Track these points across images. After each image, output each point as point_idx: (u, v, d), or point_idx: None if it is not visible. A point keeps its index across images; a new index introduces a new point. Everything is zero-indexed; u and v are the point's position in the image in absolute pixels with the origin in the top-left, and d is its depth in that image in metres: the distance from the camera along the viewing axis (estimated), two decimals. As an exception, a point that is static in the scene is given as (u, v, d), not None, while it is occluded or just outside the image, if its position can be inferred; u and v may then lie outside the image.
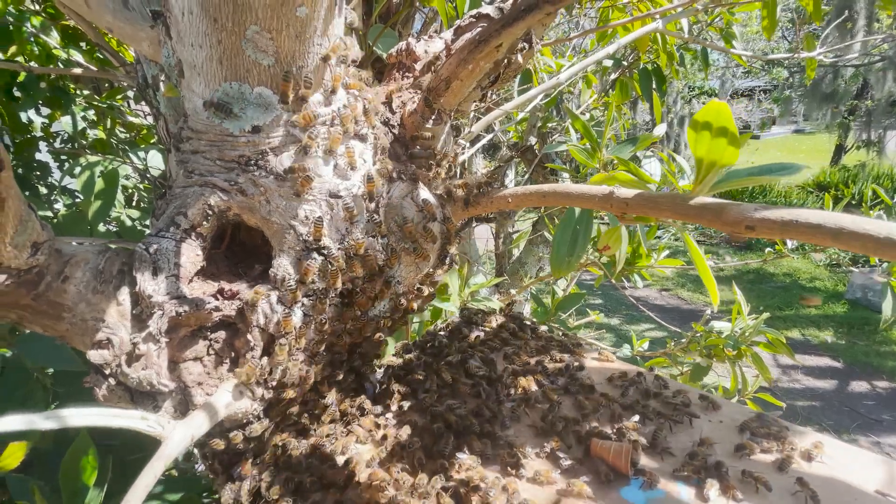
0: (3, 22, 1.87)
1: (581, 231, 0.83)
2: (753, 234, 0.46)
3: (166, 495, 1.38)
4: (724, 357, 2.07)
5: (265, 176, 0.64)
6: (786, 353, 2.04)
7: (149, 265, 0.63)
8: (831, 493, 0.66)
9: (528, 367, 0.95)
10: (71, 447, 1.17)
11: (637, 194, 0.56)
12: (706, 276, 0.58)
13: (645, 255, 2.21)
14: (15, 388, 1.36)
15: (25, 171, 2.43)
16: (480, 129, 1.60)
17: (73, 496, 1.14)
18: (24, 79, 2.12)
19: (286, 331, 0.64)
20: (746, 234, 0.47)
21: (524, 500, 0.64)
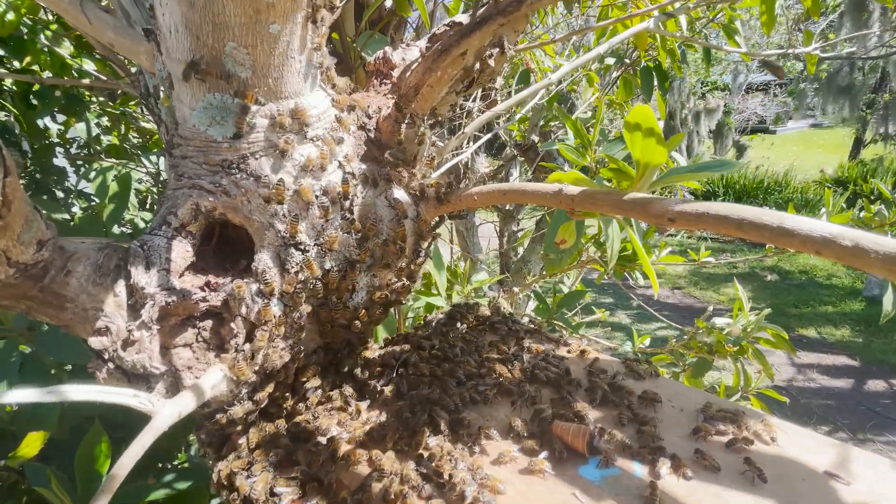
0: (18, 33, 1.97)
1: (574, 227, 0.87)
2: (675, 225, 0.51)
3: (176, 484, 1.45)
4: (726, 354, 2.08)
5: (246, 178, 0.70)
6: (788, 349, 2.05)
7: (142, 260, 0.70)
8: (779, 472, 0.70)
9: (504, 355, 1.00)
10: (85, 437, 1.25)
11: (581, 191, 0.61)
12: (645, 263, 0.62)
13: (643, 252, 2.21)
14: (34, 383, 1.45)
15: (43, 175, 2.55)
16: (475, 129, 1.65)
17: (88, 483, 1.22)
18: (39, 88, 2.23)
19: (266, 319, 0.70)
20: (669, 225, 0.51)
21: (486, 475, 0.69)
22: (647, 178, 0.58)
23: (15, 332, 1.41)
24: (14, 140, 2.39)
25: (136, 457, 0.56)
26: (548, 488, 0.69)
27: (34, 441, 1.42)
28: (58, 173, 2.55)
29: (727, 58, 9.29)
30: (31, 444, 1.42)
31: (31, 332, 1.43)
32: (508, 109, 3.17)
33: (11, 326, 1.42)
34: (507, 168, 3.70)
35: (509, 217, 3.84)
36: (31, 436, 1.40)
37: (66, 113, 2.49)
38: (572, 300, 2.56)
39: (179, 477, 1.51)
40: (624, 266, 2.29)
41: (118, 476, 0.53)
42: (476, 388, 0.89)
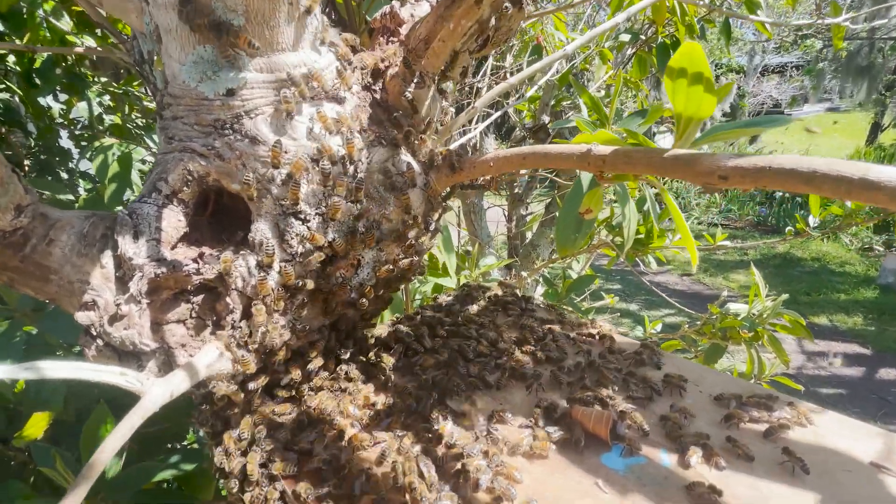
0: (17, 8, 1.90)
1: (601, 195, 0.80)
2: (727, 184, 0.44)
3: (183, 465, 1.43)
4: (740, 339, 2.01)
5: (240, 139, 0.64)
6: (805, 335, 1.97)
7: (129, 229, 0.64)
8: (820, 462, 0.64)
9: (518, 337, 0.95)
10: (90, 418, 1.22)
11: (613, 150, 0.54)
12: (684, 233, 0.56)
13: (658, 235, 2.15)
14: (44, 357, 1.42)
15: (48, 156, 2.51)
16: (484, 104, 1.57)
17: None
18: (40, 65, 2.17)
19: (263, 294, 0.65)
20: (720, 184, 0.44)
21: (501, 462, 0.64)
22: (690, 133, 0.51)
23: (19, 312, 1.38)
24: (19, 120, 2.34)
25: (122, 439, 0.51)
26: (568, 477, 0.64)
27: (39, 421, 1.40)
28: (61, 154, 2.50)
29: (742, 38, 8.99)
30: (37, 425, 1.40)
31: (35, 313, 1.40)
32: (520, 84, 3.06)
33: (16, 307, 1.39)
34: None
35: (518, 200, 3.75)
36: (36, 416, 1.38)
37: (68, 92, 2.44)
38: (581, 285, 2.49)
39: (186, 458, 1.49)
40: (636, 250, 2.21)
41: (101, 460, 0.49)
42: (489, 371, 0.84)
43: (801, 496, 0.60)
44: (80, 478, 0.47)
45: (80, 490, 0.46)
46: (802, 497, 0.60)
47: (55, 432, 1.45)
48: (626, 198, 1.07)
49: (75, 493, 0.46)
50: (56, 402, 1.31)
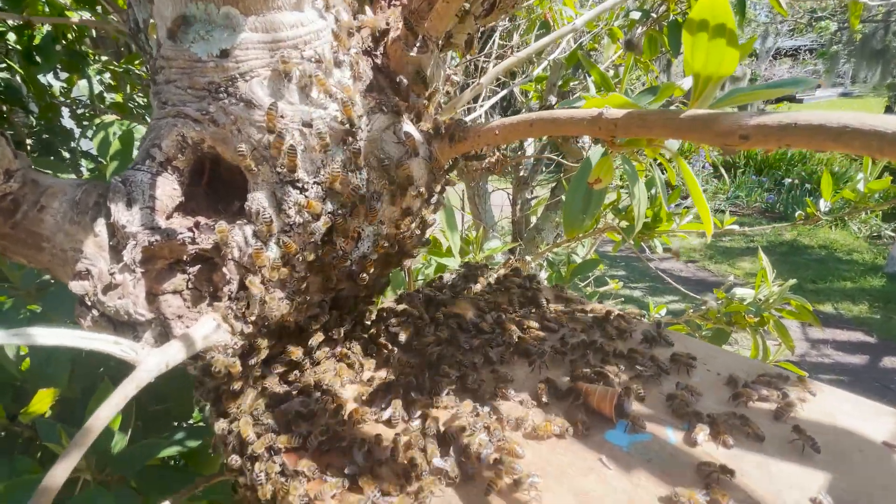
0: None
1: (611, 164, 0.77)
2: (748, 144, 0.41)
3: (188, 442, 1.44)
4: (745, 325, 1.99)
5: (235, 103, 0.62)
6: (811, 321, 1.95)
7: (122, 196, 0.62)
8: (831, 442, 0.62)
9: (522, 314, 0.93)
10: (95, 393, 1.23)
11: (626, 113, 0.51)
12: (699, 201, 0.53)
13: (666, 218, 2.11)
14: None
15: (50, 135, 2.49)
16: (490, 80, 1.53)
17: (100, 438, 1.20)
18: (40, 42, 2.14)
19: (259, 264, 0.63)
20: (741, 145, 0.42)
21: (504, 437, 0.63)
22: (709, 94, 0.48)
23: (23, 290, 1.37)
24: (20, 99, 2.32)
25: (115, 408, 0.50)
26: (572, 453, 0.63)
27: (45, 397, 1.41)
28: (63, 134, 2.49)
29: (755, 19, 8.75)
30: (42, 401, 1.41)
31: (39, 291, 1.40)
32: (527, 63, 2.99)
33: (19, 285, 1.39)
34: (522, 132, 3.54)
35: (523, 184, 3.70)
36: (41, 392, 1.38)
37: (68, 69, 2.41)
38: (586, 269, 2.46)
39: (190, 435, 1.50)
40: (643, 234, 2.18)
41: (94, 428, 0.48)
42: (491, 348, 0.82)
43: (811, 475, 0.59)
44: (72, 445, 0.46)
45: (72, 456, 0.45)
46: (813, 476, 0.59)
47: (61, 409, 1.46)
48: (636, 177, 1.04)
49: (68, 459, 0.45)
50: (61, 379, 1.32)
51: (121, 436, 1.27)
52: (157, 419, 1.57)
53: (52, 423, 1.30)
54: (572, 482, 0.59)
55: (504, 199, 3.97)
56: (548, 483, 0.59)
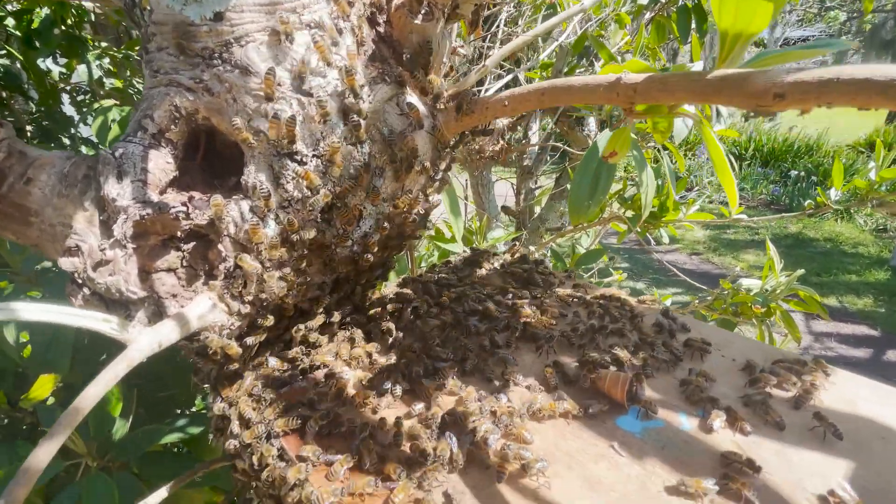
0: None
1: (603, 171, 0.74)
2: (783, 104, 0.38)
3: (189, 429, 1.43)
4: (752, 315, 1.96)
5: (230, 70, 0.58)
6: (819, 311, 1.92)
7: (113, 168, 0.59)
8: (852, 429, 0.60)
9: (529, 299, 0.90)
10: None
11: (647, 77, 0.48)
12: (725, 175, 0.50)
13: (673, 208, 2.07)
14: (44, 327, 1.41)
15: (50, 122, 2.46)
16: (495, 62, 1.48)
17: (101, 425, 1.19)
18: (38, 25, 2.10)
19: (256, 241, 0.60)
20: (776, 105, 0.38)
21: (511, 423, 0.61)
22: (737, 54, 0.44)
23: (23, 276, 1.35)
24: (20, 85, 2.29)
25: (106, 386, 0.48)
26: (582, 440, 0.60)
27: (46, 383, 1.40)
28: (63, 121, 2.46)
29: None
30: (43, 387, 1.40)
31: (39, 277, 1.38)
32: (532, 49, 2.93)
33: (20, 270, 1.37)
34: (527, 120, 3.49)
35: (527, 174, 3.66)
36: (42, 378, 1.37)
37: (67, 54, 2.37)
38: (590, 259, 2.43)
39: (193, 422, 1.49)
40: (649, 223, 2.14)
41: (81, 408, 0.45)
42: (497, 332, 0.79)
43: (832, 463, 0.56)
44: (57, 425, 0.43)
45: (58, 437, 0.42)
46: (834, 464, 0.56)
47: (63, 396, 1.45)
48: (644, 164, 1.00)
49: (53, 439, 0.42)
50: (62, 365, 1.31)
51: (122, 422, 1.26)
52: (160, 407, 1.56)
53: (52, 409, 1.29)
54: (583, 469, 0.56)
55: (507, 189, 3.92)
56: (557, 469, 0.56)
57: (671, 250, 7.28)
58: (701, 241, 7.68)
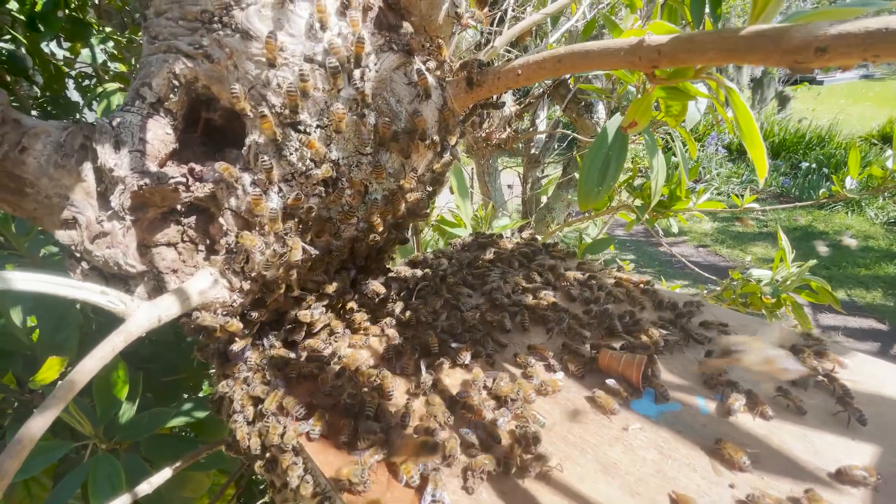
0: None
1: (613, 156, 0.71)
2: (825, 59, 0.35)
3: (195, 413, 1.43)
4: (761, 306, 1.93)
5: (231, 35, 0.56)
6: (831, 302, 1.88)
7: (110, 138, 0.57)
8: (881, 415, 0.57)
9: (539, 281, 0.88)
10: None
11: (673, 37, 0.45)
12: (754, 142, 0.47)
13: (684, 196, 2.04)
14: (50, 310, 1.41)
15: (54, 107, 2.44)
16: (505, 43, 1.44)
17: (107, 408, 1.19)
18: (41, 9, 2.08)
19: (258, 213, 0.58)
20: (816, 61, 0.35)
21: (522, 404, 0.59)
22: (772, 10, 0.41)
23: (28, 258, 1.35)
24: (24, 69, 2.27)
25: (102, 360, 0.46)
26: (596, 423, 0.58)
27: (54, 365, 1.40)
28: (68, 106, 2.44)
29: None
30: (52, 369, 1.40)
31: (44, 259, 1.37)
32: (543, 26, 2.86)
33: (25, 252, 1.36)
34: (535, 108, 3.43)
35: (534, 162, 3.61)
36: (50, 360, 1.37)
37: (71, 38, 2.35)
38: (598, 248, 2.40)
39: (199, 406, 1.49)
40: (658, 212, 2.11)
41: (77, 382, 0.44)
42: (508, 314, 0.77)
43: (857, 448, 0.54)
44: (51, 398, 0.42)
45: (51, 410, 0.41)
46: (859, 449, 0.54)
47: None
48: (655, 149, 0.97)
49: (47, 412, 0.41)
50: (70, 348, 1.31)
51: (128, 405, 1.25)
52: (168, 391, 1.56)
53: (58, 392, 1.28)
54: (597, 452, 0.54)
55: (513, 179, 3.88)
56: (570, 454, 0.54)
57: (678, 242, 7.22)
58: (708, 233, 7.60)
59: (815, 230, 7.78)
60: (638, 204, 2.07)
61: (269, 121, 0.56)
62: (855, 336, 5.19)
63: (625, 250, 7.00)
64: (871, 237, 7.43)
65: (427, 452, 0.52)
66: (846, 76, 13.78)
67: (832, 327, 5.37)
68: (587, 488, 0.50)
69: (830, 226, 7.84)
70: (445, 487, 0.50)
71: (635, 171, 2.12)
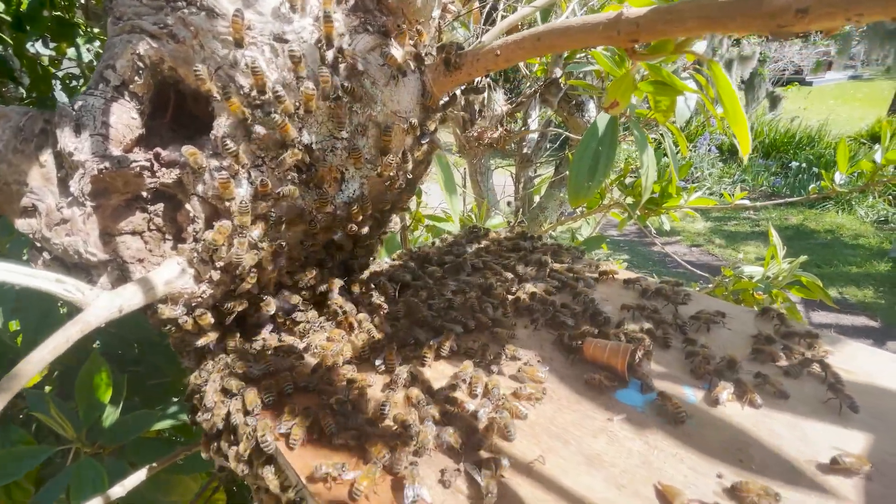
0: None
1: (603, 151, 0.69)
2: (807, 21, 0.33)
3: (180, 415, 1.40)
4: (753, 302, 1.93)
5: (195, 13, 0.53)
6: (822, 297, 1.88)
7: (70, 121, 0.55)
8: (874, 404, 0.56)
9: (524, 273, 0.86)
10: (84, 366, 1.18)
11: (651, 9, 0.43)
12: (737, 116, 0.45)
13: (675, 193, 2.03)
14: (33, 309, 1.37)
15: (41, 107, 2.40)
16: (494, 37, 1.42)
17: (90, 411, 1.16)
18: (27, 8, 2.05)
19: (227, 197, 0.55)
20: (798, 24, 0.34)
21: (504, 395, 0.56)
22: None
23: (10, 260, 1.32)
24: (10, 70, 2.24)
25: (54, 351, 0.44)
26: (579, 413, 0.56)
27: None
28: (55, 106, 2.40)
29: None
30: (33, 371, 1.36)
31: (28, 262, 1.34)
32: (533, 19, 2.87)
33: (6, 252, 1.33)
34: (526, 107, 3.42)
35: (526, 161, 3.60)
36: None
37: (57, 38, 2.31)
38: (590, 246, 2.39)
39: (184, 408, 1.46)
40: (649, 210, 2.10)
41: (26, 371, 0.41)
42: (492, 306, 0.75)
43: (847, 436, 0.52)
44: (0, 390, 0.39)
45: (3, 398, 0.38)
46: (850, 437, 0.52)
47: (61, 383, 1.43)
48: (645, 144, 0.95)
49: (-11, 406, 0.38)
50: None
51: (112, 408, 1.22)
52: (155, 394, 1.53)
53: (40, 393, 1.25)
54: (581, 444, 0.52)
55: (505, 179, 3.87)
56: (553, 445, 0.52)
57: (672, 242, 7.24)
58: (702, 232, 7.63)
59: (806, 229, 7.83)
60: (630, 202, 2.06)
61: (236, 102, 0.53)
62: (847, 333, 5.21)
63: (619, 250, 7.01)
64: (861, 235, 7.50)
65: (400, 443, 0.50)
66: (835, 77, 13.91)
67: (825, 325, 5.39)
68: (571, 481, 0.48)
69: (821, 224, 7.90)
70: (424, 483, 0.48)
71: (626, 169, 2.12)
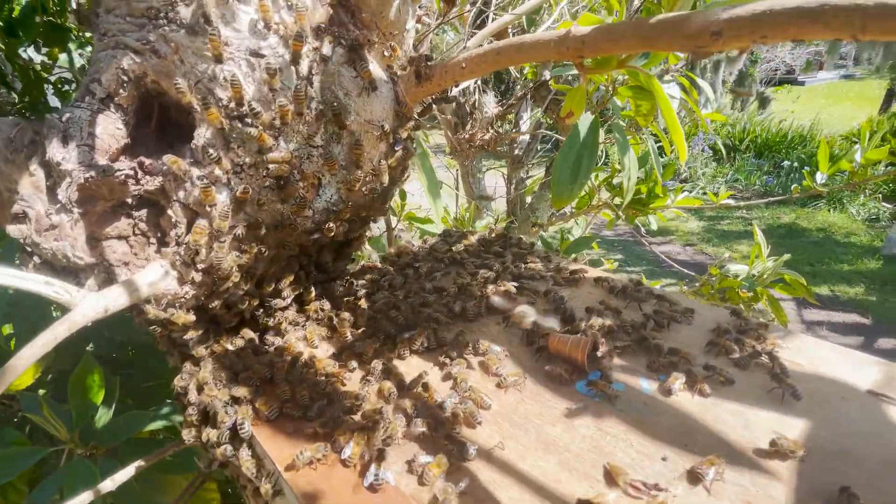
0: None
1: (585, 154, 0.73)
2: (721, 43, 0.37)
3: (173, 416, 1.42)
4: (738, 300, 1.97)
5: (176, 30, 0.57)
6: (806, 295, 1.93)
7: (58, 132, 0.58)
8: (814, 390, 0.59)
9: (499, 273, 0.89)
10: (76, 368, 1.20)
11: (594, 28, 0.47)
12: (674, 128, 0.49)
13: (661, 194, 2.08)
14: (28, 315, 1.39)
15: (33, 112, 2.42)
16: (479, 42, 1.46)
17: (82, 413, 1.19)
18: (19, 14, 2.07)
19: (208, 202, 0.59)
20: (713, 45, 0.38)
21: (469, 387, 0.60)
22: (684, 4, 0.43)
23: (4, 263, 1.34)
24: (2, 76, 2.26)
25: (42, 349, 0.47)
26: (541, 403, 0.60)
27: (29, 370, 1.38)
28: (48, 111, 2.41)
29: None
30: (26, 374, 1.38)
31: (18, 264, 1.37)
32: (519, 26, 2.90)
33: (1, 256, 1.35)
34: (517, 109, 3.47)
35: (518, 163, 3.64)
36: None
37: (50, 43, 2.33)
38: (580, 246, 2.42)
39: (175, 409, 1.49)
40: (636, 210, 2.14)
41: (15, 367, 0.44)
42: (465, 303, 0.79)
43: (788, 422, 0.56)
44: (-13, 383, 0.42)
45: (-14, 395, 0.41)
46: (790, 423, 0.56)
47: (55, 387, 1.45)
48: (626, 147, 0.99)
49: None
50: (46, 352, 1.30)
51: (104, 410, 1.25)
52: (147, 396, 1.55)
53: (33, 395, 1.27)
54: (539, 431, 0.56)
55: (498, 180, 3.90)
56: (513, 432, 0.56)
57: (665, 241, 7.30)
58: (695, 232, 7.69)
59: (798, 227, 7.90)
60: (618, 202, 2.10)
61: (215, 112, 0.57)
62: (839, 331, 5.27)
63: (613, 250, 7.05)
64: (852, 233, 7.57)
65: (369, 432, 0.53)
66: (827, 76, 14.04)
67: (816, 322, 5.44)
68: (527, 465, 0.52)
69: (813, 223, 7.97)
70: (390, 468, 0.51)
71: (614, 170, 2.16)
